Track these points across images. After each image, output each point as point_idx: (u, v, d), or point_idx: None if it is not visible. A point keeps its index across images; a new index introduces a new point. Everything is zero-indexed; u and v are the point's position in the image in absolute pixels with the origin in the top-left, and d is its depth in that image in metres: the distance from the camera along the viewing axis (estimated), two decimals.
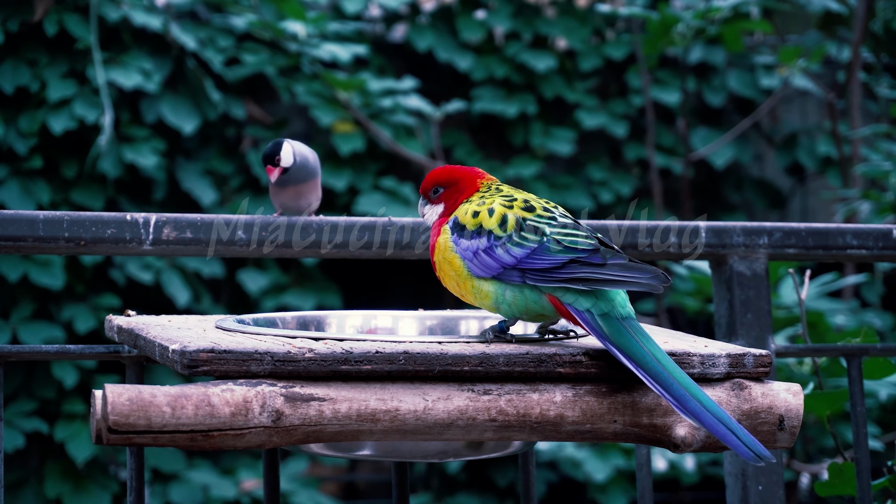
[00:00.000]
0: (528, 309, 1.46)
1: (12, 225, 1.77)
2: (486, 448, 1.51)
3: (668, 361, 1.37)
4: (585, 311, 1.42)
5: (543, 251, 1.44)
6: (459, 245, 1.48)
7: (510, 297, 1.45)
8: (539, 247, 1.44)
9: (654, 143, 4.93)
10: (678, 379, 1.35)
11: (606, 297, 1.43)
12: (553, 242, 1.44)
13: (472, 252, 1.47)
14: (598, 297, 1.42)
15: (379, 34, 5.22)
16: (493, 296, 1.46)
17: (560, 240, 1.44)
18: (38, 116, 4.33)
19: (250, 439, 1.32)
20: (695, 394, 1.35)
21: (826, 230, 2.05)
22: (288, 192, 2.00)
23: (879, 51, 4.65)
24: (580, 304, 1.42)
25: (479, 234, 1.47)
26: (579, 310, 1.42)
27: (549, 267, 1.42)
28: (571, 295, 1.43)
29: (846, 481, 2.00)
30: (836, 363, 2.78)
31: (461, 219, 1.49)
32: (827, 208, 5.30)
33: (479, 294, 1.47)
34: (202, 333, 1.46)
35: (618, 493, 4.48)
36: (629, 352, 1.38)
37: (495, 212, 1.48)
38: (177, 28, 4.54)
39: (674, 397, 1.35)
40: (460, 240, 1.48)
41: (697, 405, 1.34)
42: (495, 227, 1.47)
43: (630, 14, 4.50)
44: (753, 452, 1.33)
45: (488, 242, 1.47)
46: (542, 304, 1.44)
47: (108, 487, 4.27)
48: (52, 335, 4.23)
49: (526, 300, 1.45)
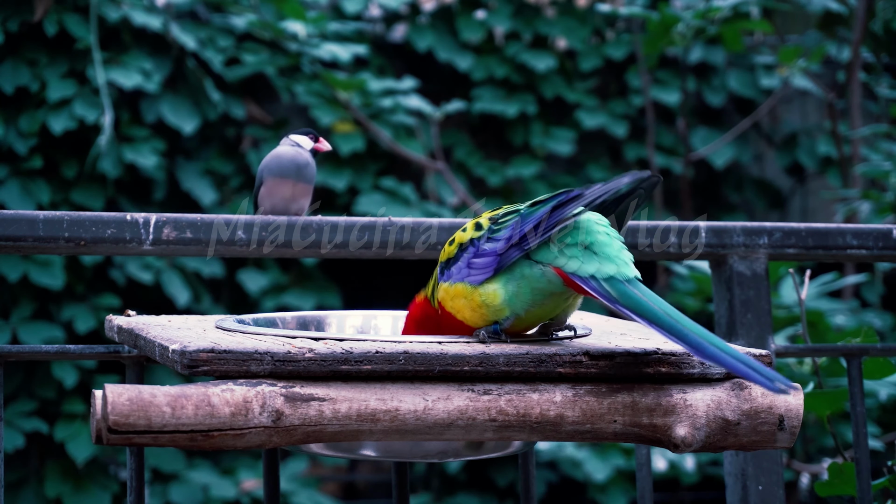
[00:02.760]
0: (535, 291, 1.45)
1: (12, 225, 1.77)
2: (486, 448, 1.51)
3: (679, 314, 1.40)
4: (590, 278, 1.42)
5: (525, 217, 1.45)
6: (453, 275, 1.49)
7: (514, 288, 1.45)
8: (519, 218, 1.46)
9: (654, 143, 4.94)
10: (692, 328, 1.38)
11: (610, 259, 1.44)
12: (529, 208, 1.46)
13: (465, 265, 1.48)
14: (602, 261, 1.43)
15: (379, 34, 5.22)
16: (500, 293, 1.46)
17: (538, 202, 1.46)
18: (38, 116, 4.33)
19: (250, 439, 1.32)
20: (710, 339, 1.37)
21: (826, 230, 2.05)
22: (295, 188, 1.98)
23: (879, 51, 4.65)
24: (584, 270, 1.43)
25: (464, 250, 1.49)
26: (584, 277, 1.43)
27: (538, 222, 1.44)
28: (575, 261, 1.43)
29: (846, 481, 2.00)
30: (836, 363, 2.78)
31: (441, 259, 1.52)
32: (827, 208, 5.30)
33: (488, 299, 1.47)
34: (202, 333, 1.46)
35: (618, 493, 4.48)
36: (639, 310, 1.39)
37: (467, 226, 1.51)
38: (177, 28, 4.54)
39: (691, 345, 1.36)
40: (451, 271, 1.50)
41: (715, 349, 1.36)
42: (472, 233, 1.49)
43: (630, 14, 4.51)
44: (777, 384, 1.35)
45: (474, 248, 1.48)
46: (547, 279, 1.45)
47: (108, 487, 4.27)
48: (52, 335, 4.23)
49: (530, 283, 1.45)
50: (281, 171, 2.00)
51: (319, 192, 2.61)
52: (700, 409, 1.42)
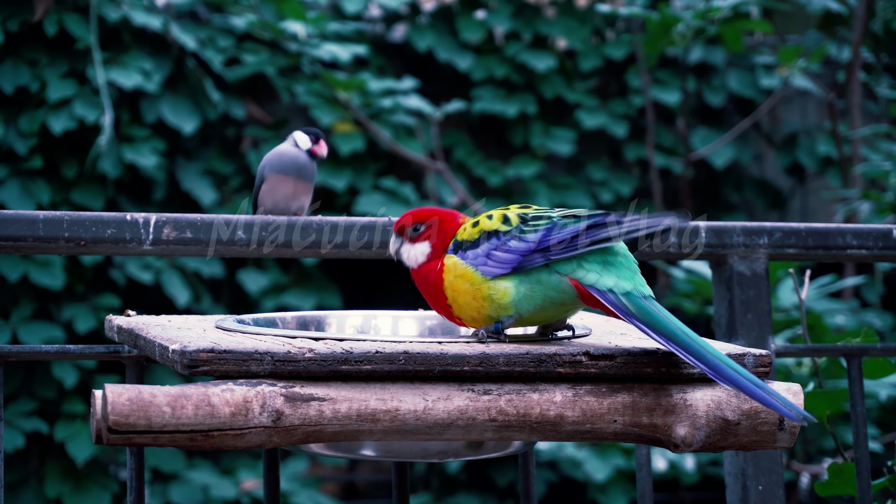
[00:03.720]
0: (546, 298, 1.45)
1: (12, 225, 1.77)
2: (486, 448, 1.51)
3: (695, 334, 1.40)
4: (608, 291, 1.43)
5: (557, 227, 1.45)
6: (467, 257, 1.48)
7: (527, 289, 1.45)
8: (552, 225, 1.45)
9: (654, 143, 4.94)
10: (709, 349, 1.38)
11: (628, 274, 1.44)
12: (563, 219, 1.46)
13: (484, 255, 1.47)
14: (620, 275, 1.43)
15: (379, 34, 5.22)
16: (510, 291, 1.45)
17: (573, 215, 1.46)
18: (38, 116, 4.33)
19: (250, 439, 1.32)
20: (728, 363, 1.38)
21: (826, 230, 2.05)
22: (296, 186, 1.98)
23: (879, 51, 4.65)
24: (602, 283, 1.43)
25: (486, 238, 1.48)
26: (602, 290, 1.43)
27: (570, 237, 1.43)
28: (593, 274, 1.43)
29: (846, 481, 2.00)
30: (835, 364, 2.78)
31: (459, 237, 1.50)
32: (827, 208, 5.30)
33: (496, 294, 1.46)
34: (202, 333, 1.46)
35: (618, 493, 4.48)
36: (658, 327, 1.39)
37: (494, 215, 1.49)
38: (177, 28, 4.54)
39: (709, 366, 1.37)
40: (466, 253, 1.48)
41: (734, 373, 1.37)
42: (499, 225, 1.48)
43: (630, 14, 4.51)
44: (794, 413, 1.37)
45: (498, 240, 1.47)
46: (562, 289, 1.44)
47: (108, 487, 4.27)
48: (52, 335, 4.23)
49: (544, 289, 1.45)
50: (282, 167, 2.00)
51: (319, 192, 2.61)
52: (700, 409, 1.42)
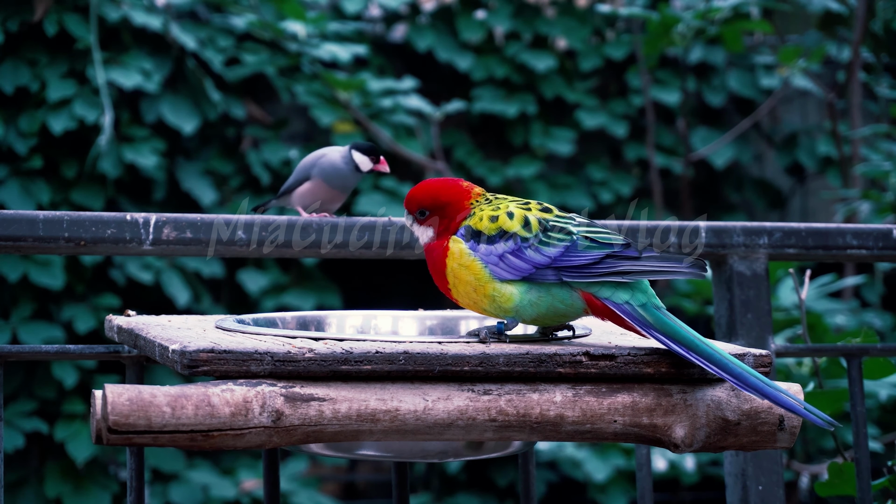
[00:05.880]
0: (551, 308, 1.45)
1: (12, 225, 1.77)
2: (486, 448, 1.51)
3: (713, 343, 1.41)
4: (625, 304, 1.43)
5: (576, 249, 1.44)
6: (478, 251, 1.47)
7: (534, 297, 1.45)
8: (571, 244, 1.45)
9: (654, 143, 4.93)
10: (731, 360, 1.39)
11: (641, 288, 1.44)
12: (583, 240, 1.45)
13: (497, 256, 1.46)
14: (634, 288, 1.44)
15: (379, 34, 5.22)
16: (515, 297, 1.45)
17: (592, 237, 1.45)
18: (38, 116, 4.33)
19: (250, 439, 1.32)
20: (752, 372, 1.39)
21: (826, 230, 2.05)
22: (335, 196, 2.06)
23: (879, 51, 4.65)
24: (618, 297, 1.43)
25: (503, 238, 1.47)
26: (618, 303, 1.43)
27: (586, 263, 1.43)
28: (608, 289, 1.43)
29: (846, 481, 2.00)
30: (835, 364, 2.78)
31: (476, 226, 1.48)
32: (827, 208, 5.30)
33: (499, 297, 1.46)
34: (202, 333, 1.46)
35: (618, 493, 4.48)
36: (677, 337, 1.40)
37: (515, 215, 1.48)
38: (177, 28, 4.54)
39: (733, 375, 1.37)
40: (478, 245, 1.47)
41: (758, 381, 1.38)
42: (519, 229, 1.47)
43: (630, 14, 4.50)
44: (820, 418, 1.38)
45: (515, 245, 1.46)
46: (570, 302, 1.44)
47: (108, 487, 4.27)
48: (52, 335, 4.23)
49: (552, 299, 1.45)
50: (330, 180, 2.05)
51: None
52: (700, 409, 1.42)
